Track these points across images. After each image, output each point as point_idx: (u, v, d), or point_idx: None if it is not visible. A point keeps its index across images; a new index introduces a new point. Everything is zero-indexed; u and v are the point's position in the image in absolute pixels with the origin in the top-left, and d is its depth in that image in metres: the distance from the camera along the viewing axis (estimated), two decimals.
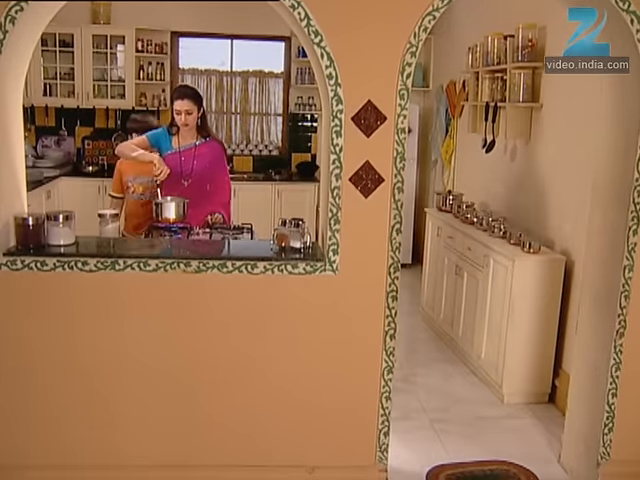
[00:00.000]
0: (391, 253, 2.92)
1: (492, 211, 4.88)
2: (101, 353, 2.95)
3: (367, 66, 2.78)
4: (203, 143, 4.12)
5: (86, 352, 2.95)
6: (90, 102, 7.15)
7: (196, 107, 4.00)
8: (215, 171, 4.13)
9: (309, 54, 2.94)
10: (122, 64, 7.28)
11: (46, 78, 7.14)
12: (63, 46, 7.03)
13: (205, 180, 4.08)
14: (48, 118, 7.33)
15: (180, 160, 4.05)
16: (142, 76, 7.32)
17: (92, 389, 2.98)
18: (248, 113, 7.85)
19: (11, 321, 2.89)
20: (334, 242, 2.89)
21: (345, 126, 2.79)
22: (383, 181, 2.84)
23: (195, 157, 4.08)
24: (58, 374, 2.95)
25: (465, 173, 6.05)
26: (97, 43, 7.09)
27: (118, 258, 2.87)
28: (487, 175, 5.35)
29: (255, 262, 2.89)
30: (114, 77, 7.28)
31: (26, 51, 2.95)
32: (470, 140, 5.67)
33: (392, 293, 2.95)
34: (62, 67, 7.11)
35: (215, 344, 2.97)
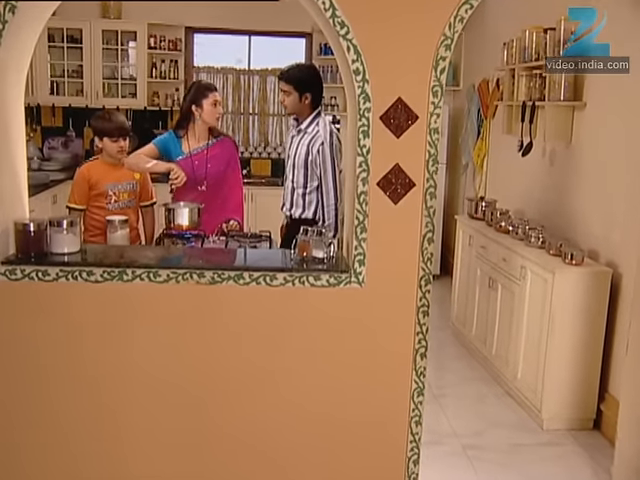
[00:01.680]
0: (422, 264, 2.81)
1: (529, 219, 4.76)
2: (108, 368, 2.87)
3: (397, 61, 2.68)
4: (215, 143, 4.06)
5: (92, 368, 2.86)
6: (99, 101, 7.11)
7: None
8: (230, 172, 4.08)
9: (334, 48, 2.85)
10: (133, 61, 7.27)
11: (53, 76, 7.14)
12: (71, 42, 7.02)
13: (221, 182, 4.03)
14: (55, 118, 7.33)
15: (193, 165, 3.99)
16: (155, 74, 7.31)
17: (99, 405, 2.89)
18: (267, 114, 7.79)
19: (10, 335, 2.81)
20: (360, 252, 2.79)
21: (373, 126, 2.70)
22: (414, 186, 2.74)
23: (208, 159, 4.02)
24: (62, 390, 2.87)
25: (498, 178, 5.93)
26: (107, 39, 7.07)
27: (126, 268, 2.78)
28: (523, 180, 5.22)
29: (274, 273, 2.79)
30: (125, 75, 7.27)
31: (28, 43, 2.89)
32: (504, 143, 5.55)
33: (423, 308, 2.85)
34: (70, 64, 7.10)
35: (230, 360, 2.88)
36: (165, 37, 7.26)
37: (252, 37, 7.64)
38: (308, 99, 3.86)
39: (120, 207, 3.98)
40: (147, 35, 7.11)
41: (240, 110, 7.73)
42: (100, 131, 3.94)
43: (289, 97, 3.88)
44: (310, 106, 3.89)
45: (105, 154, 3.96)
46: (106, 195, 3.93)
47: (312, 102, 3.89)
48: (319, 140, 3.83)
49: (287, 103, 3.91)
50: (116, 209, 3.94)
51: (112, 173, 3.96)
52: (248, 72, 7.71)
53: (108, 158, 3.95)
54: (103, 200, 3.93)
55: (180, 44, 7.36)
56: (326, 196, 3.89)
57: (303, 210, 3.96)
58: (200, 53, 7.65)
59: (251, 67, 7.71)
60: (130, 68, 7.30)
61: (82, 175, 3.91)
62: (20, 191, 2.99)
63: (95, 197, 3.92)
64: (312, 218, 3.95)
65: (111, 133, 3.91)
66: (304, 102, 3.87)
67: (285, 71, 3.92)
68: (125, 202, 4.02)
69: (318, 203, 3.93)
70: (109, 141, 3.91)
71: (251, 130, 7.82)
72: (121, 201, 3.99)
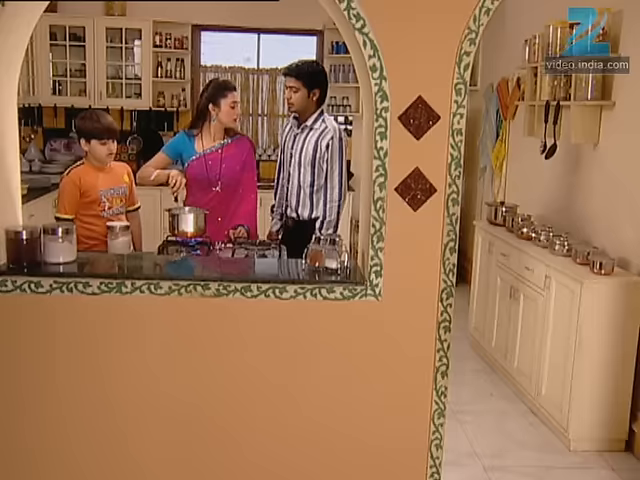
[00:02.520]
0: (443, 276, 2.68)
1: (552, 225, 4.59)
2: (106, 387, 2.74)
3: (417, 56, 2.55)
4: (230, 142, 3.94)
5: (89, 386, 2.74)
6: (103, 102, 7.04)
7: None
8: (245, 174, 3.96)
9: (349, 43, 2.73)
10: (138, 60, 7.19)
11: (55, 75, 7.07)
12: (74, 40, 6.96)
13: (236, 184, 3.93)
14: (57, 119, 7.26)
15: (206, 165, 3.88)
16: (160, 73, 7.23)
17: (95, 426, 2.77)
18: (276, 115, 7.70)
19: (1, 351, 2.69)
20: (377, 263, 2.66)
21: (391, 127, 2.57)
22: (435, 191, 2.61)
23: (223, 159, 3.90)
24: (57, 411, 2.75)
25: (519, 182, 5.77)
26: (111, 37, 7.00)
27: (125, 279, 2.66)
28: (546, 184, 5.07)
29: (284, 285, 2.67)
30: (129, 74, 7.20)
31: (19, 43, 2.78)
32: (526, 145, 5.40)
33: (444, 323, 2.71)
34: (72, 63, 7.04)
35: (237, 378, 2.76)
36: (171, 35, 7.17)
37: (261, 35, 7.57)
38: (316, 95, 3.84)
39: (114, 214, 3.83)
40: (152, 33, 7.03)
41: (249, 111, 7.65)
42: (87, 133, 3.72)
43: (297, 94, 3.82)
44: (316, 103, 3.88)
45: (92, 158, 3.75)
46: (99, 202, 3.75)
47: (319, 99, 3.87)
48: (329, 135, 3.81)
49: (294, 100, 3.84)
50: (110, 216, 3.78)
51: (103, 178, 3.79)
52: (257, 71, 7.63)
53: (95, 162, 3.76)
54: (96, 208, 3.74)
55: (187, 42, 7.27)
56: (330, 192, 3.85)
57: (311, 210, 3.87)
58: (207, 52, 7.57)
59: (260, 66, 7.64)
60: (135, 67, 7.23)
61: (72, 182, 3.69)
62: (12, 196, 2.87)
63: (86, 205, 3.72)
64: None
65: (100, 135, 3.71)
66: (312, 99, 3.83)
67: (293, 67, 3.85)
68: (118, 208, 3.87)
69: (326, 201, 3.87)
70: (97, 143, 3.71)
71: (260, 131, 7.74)
72: (114, 207, 3.84)
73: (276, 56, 7.62)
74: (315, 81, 3.83)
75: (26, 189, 5.66)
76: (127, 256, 3.14)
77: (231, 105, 3.82)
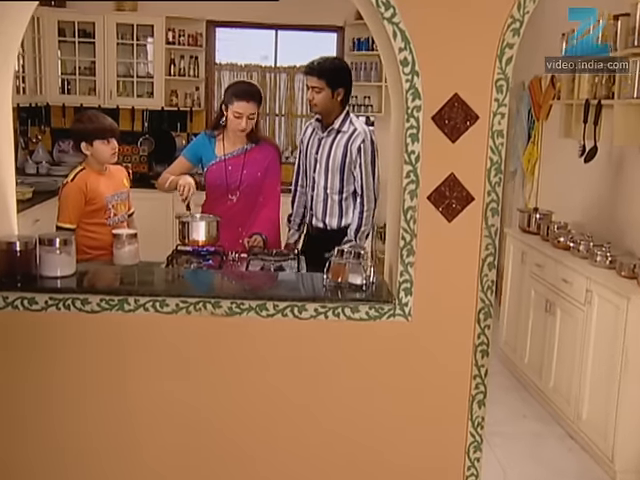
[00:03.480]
0: (481, 294, 2.49)
1: (592, 234, 4.35)
2: (107, 413, 2.57)
3: (454, 49, 2.36)
4: (254, 147, 3.73)
5: (87, 414, 2.57)
6: (113, 101, 6.91)
7: (257, 110, 3.65)
8: (267, 181, 3.76)
9: (376, 35, 2.55)
10: (150, 58, 7.06)
11: (64, 73, 6.94)
12: (83, 37, 6.82)
13: (256, 192, 3.73)
14: (66, 119, 7.10)
15: (226, 170, 3.68)
16: (173, 72, 7.09)
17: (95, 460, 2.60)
18: (294, 115, 7.55)
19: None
20: (407, 279, 2.47)
21: (423, 128, 2.38)
22: (473, 200, 2.43)
23: (244, 165, 3.69)
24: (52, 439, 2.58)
25: (553, 186, 5.53)
26: (122, 33, 6.86)
27: (128, 296, 2.50)
28: (584, 189, 4.82)
29: (304, 303, 2.49)
30: (141, 73, 7.06)
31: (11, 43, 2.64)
32: (561, 147, 5.16)
33: (482, 347, 2.51)
34: (82, 61, 6.91)
35: (252, 405, 2.58)
36: (185, 31, 7.02)
37: (279, 31, 7.42)
38: (340, 95, 3.61)
39: (119, 221, 3.67)
40: (165, 29, 6.88)
41: (266, 111, 7.47)
42: (89, 134, 3.54)
43: (320, 94, 3.58)
44: (341, 104, 3.65)
45: (93, 161, 3.58)
46: (105, 209, 3.58)
47: (343, 99, 3.64)
48: (359, 138, 3.59)
49: (317, 101, 3.60)
50: (116, 224, 3.61)
51: (105, 183, 3.61)
52: (274, 69, 7.48)
53: (97, 165, 3.59)
54: (102, 215, 3.57)
55: (201, 39, 7.13)
56: (367, 199, 3.65)
57: (340, 218, 3.66)
58: (222, 49, 7.43)
59: (278, 64, 7.48)
60: (146, 65, 7.07)
61: (78, 189, 3.50)
62: (7, 203, 2.74)
63: (91, 213, 3.54)
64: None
65: (103, 134, 3.54)
66: (336, 99, 3.60)
67: (315, 65, 3.60)
68: (123, 215, 3.71)
69: (355, 209, 3.65)
70: (101, 144, 3.54)
71: (277, 132, 7.58)
72: (119, 214, 3.67)
73: (294, 54, 7.48)
74: (339, 80, 3.60)
75: (31, 192, 5.57)
76: (131, 269, 2.93)
77: (235, 115, 3.58)
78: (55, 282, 2.55)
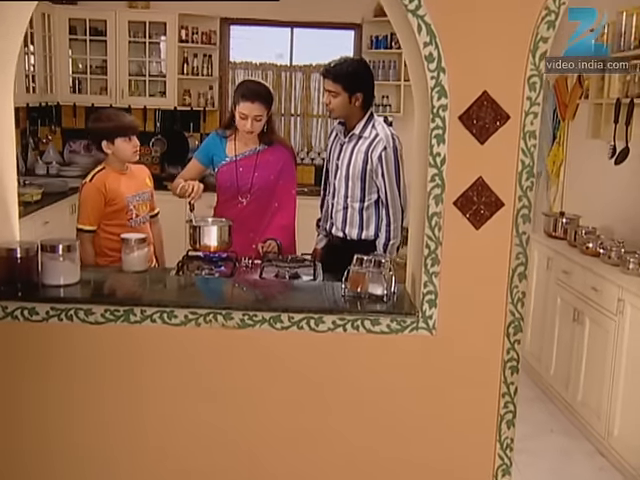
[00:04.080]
0: (511, 307, 2.36)
1: (623, 239, 4.19)
2: (111, 430, 2.46)
3: (483, 43, 2.22)
4: (266, 149, 3.61)
5: (89, 430, 2.46)
6: (125, 100, 6.83)
7: (266, 111, 3.51)
8: (281, 185, 3.64)
9: (399, 29, 2.43)
10: (163, 56, 6.97)
11: (75, 72, 6.87)
12: (94, 35, 6.75)
13: (268, 196, 3.61)
14: (76, 119, 7.05)
15: (236, 172, 3.57)
16: (186, 70, 7.00)
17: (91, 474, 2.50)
18: (310, 115, 7.44)
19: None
20: (431, 290, 2.35)
21: (450, 128, 2.26)
22: (502, 206, 2.31)
23: (256, 167, 3.58)
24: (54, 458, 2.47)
25: (580, 189, 5.37)
26: (134, 31, 6.79)
27: (134, 306, 2.39)
28: (614, 193, 4.67)
29: (321, 315, 2.37)
30: (153, 71, 6.97)
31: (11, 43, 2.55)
32: (589, 148, 5.01)
33: (511, 363, 2.39)
34: (93, 59, 6.84)
35: (265, 422, 2.46)
36: (198, 29, 6.95)
37: (295, 29, 7.31)
38: (359, 100, 3.38)
39: (142, 222, 3.58)
40: (178, 27, 6.80)
41: (281, 111, 7.38)
42: (111, 132, 3.47)
43: (336, 98, 3.39)
44: (361, 108, 3.43)
45: (115, 160, 3.51)
46: (127, 210, 3.50)
47: (363, 103, 3.42)
48: (380, 145, 3.37)
49: (334, 106, 3.42)
50: (138, 225, 3.54)
51: (126, 183, 3.53)
52: (290, 68, 7.38)
53: (118, 164, 3.51)
54: (123, 216, 3.49)
55: (215, 37, 7.05)
56: (393, 210, 3.44)
57: (361, 229, 3.51)
58: (237, 47, 7.33)
59: (293, 63, 7.39)
60: (159, 64, 6.99)
61: (97, 189, 3.43)
62: (7, 207, 2.64)
63: (112, 214, 3.47)
64: (373, 239, 3.50)
65: (124, 132, 3.47)
66: (354, 104, 3.38)
67: (331, 67, 3.41)
68: (145, 216, 3.62)
69: (378, 219, 3.49)
70: (123, 141, 3.47)
71: (293, 133, 7.47)
72: (141, 215, 3.59)
73: (311, 52, 7.38)
74: (357, 84, 3.40)
75: (40, 194, 5.49)
76: (138, 277, 2.82)
77: (240, 115, 3.46)
78: (58, 291, 2.45)
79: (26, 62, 5.90)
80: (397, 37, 6.66)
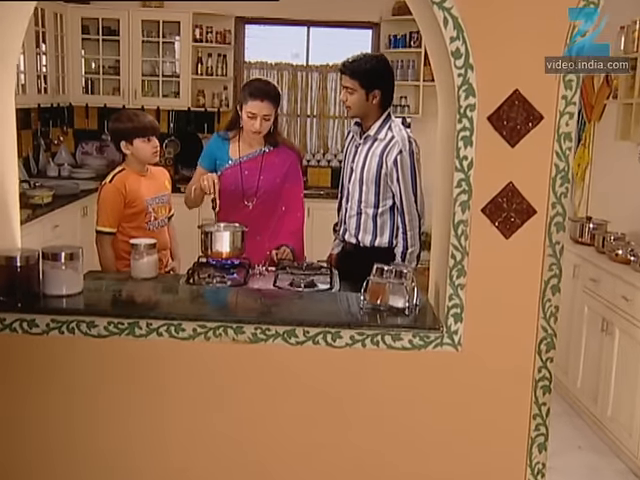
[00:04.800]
0: (543, 322, 2.25)
1: None
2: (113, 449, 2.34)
3: (514, 37, 2.09)
4: (272, 150, 3.50)
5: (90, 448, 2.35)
6: (138, 101, 6.74)
7: (274, 110, 3.42)
8: (288, 188, 3.52)
9: (423, 23, 2.30)
10: (177, 56, 6.91)
11: (87, 72, 6.82)
12: (107, 34, 6.69)
13: (274, 199, 3.50)
14: (89, 120, 7.00)
15: (241, 174, 3.45)
16: (200, 70, 6.93)
17: None
18: (327, 116, 7.33)
19: None
20: (456, 303, 2.21)
21: (478, 130, 2.13)
22: (535, 213, 2.18)
23: (262, 169, 3.46)
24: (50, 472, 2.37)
25: (607, 193, 5.20)
26: (147, 30, 6.72)
27: (139, 319, 2.27)
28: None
29: (338, 330, 2.24)
30: (167, 71, 6.90)
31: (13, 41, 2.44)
32: (617, 150, 4.85)
33: (543, 382, 2.26)
34: (106, 59, 6.78)
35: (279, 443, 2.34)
36: (212, 28, 6.87)
37: (311, 28, 7.22)
38: (377, 98, 3.26)
39: (160, 225, 3.52)
40: (192, 26, 6.72)
41: (296, 111, 7.30)
42: (129, 133, 3.42)
43: (353, 95, 3.28)
44: (378, 107, 3.30)
45: (134, 161, 3.45)
46: (146, 213, 3.43)
47: (381, 101, 3.30)
48: (395, 148, 3.24)
49: (350, 103, 3.30)
50: (156, 229, 3.48)
51: (146, 185, 3.47)
52: (306, 68, 7.29)
53: (138, 165, 3.46)
54: (142, 219, 3.42)
55: (229, 36, 6.97)
56: (409, 217, 3.30)
57: (374, 236, 3.37)
58: (252, 46, 7.26)
59: (310, 62, 7.30)
60: (173, 64, 6.92)
61: (117, 191, 3.37)
62: (8, 212, 2.52)
63: (131, 216, 3.41)
64: (387, 246, 3.36)
65: (143, 132, 3.41)
66: (371, 101, 3.26)
67: (349, 63, 3.30)
68: (163, 219, 3.56)
69: (393, 226, 3.36)
70: (141, 142, 3.41)
71: (309, 134, 7.37)
72: (160, 218, 3.53)
73: (327, 51, 7.30)
74: (375, 80, 3.28)
75: (51, 196, 5.40)
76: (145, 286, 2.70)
77: (248, 115, 3.36)
78: (59, 302, 2.34)
79: (38, 62, 5.84)
80: (416, 36, 6.60)
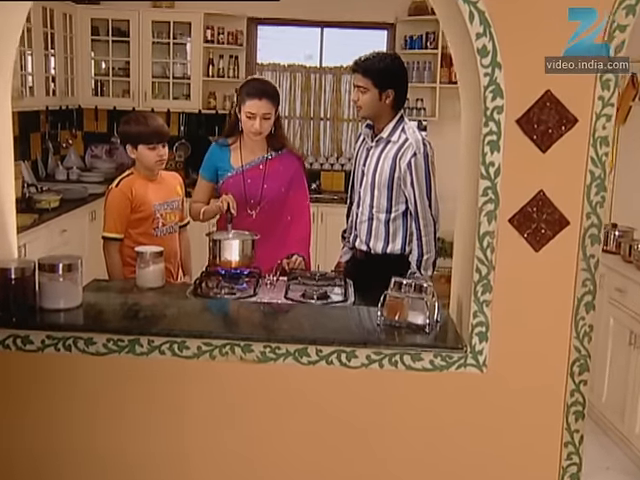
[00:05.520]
0: (576, 342, 2.09)
1: None
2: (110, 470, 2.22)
3: (545, 34, 1.95)
4: (275, 157, 3.37)
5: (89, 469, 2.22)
6: (148, 103, 6.63)
7: (274, 110, 3.29)
8: (293, 195, 3.41)
9: (446, 17, 2.16)
10: (188, 57, 6.80)
11: (97, 74, 6.73)
12: (117, 35, 6.60)
13: (278, 208, 3.38)
14: (98, 122, 6.90)
15: (244, 183, 3.33)
16: (211, 72, 6.83)
17: None
18: (340, 119, 7.21)
19: None
20: (481, 321, 2.07)
21: (506, 134, 1.99)
22: (567, 224, 2.04)
23: (265, 177, 3.34)
24: None
25: (632, 199, 5.03)
26: (158, 31, 6.61)
27: (140, 335, 2.14)
28: None
29: (353, 348, 2.11)
30: (177, 73, 6.80)
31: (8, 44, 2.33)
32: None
33: (576, 407, 2.14)
34: (115, 61, 6.69)
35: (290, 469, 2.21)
36: (224, 29, 6.77)
37: (325, 29, 7.11)
38: (390, 98, 3.15)
39: (168, 232, 3.40)
40: (203, 27, 6.63)
41: (310, 114, 7.19)
42: (134, 137, 3.33)
43: (365, 95, 3.17)
44: (391, 107, 3.19)
45: (140, 166, 3.36)
46: (153, 218, 3.32)
47: (394, 102, 3.19)
48: (410, 151, 3.12)
49: (362, 103, 3.19)
50: (164, 235, 3.36)
51: (154, 190, 3.36)
52: (320, 70, 7.18)
53: (144, 171, 3.36)
54: (149, 225, 3.32)
55: (241, 37, 6.87)
56: (423, 222, 3.17)
57: (386, 243, 3.25)
58: (264, 48, 7.19)
59: (323, 64, 7.20)
60: (183, 65, 6.82)
61: (123, 195, 3.28)
62: (4, 222, 2.39)
63: (137, 222, 3.31)
64: (400, 254, 3.23)
65: (148, 139, 3.30)
66: (384, 101, 3.15)
67: (362, 61, 3.20)
68: (172, 225, 3.44)
69: (405, 233, 3.24)
70: (145, 149, 3.30)
71: (322, 138, 7.25)
72: (169, 224, 3.41)
73: (341, 53, 7.19)
74: (388, 79, 3.18)
75: (58, 201, 5.30)
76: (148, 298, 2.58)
77: (247, 115, 3.23)
78: (56, 316, 2.21)
79: (46, 64, 5.75)
80: (432, 37, 6.45)
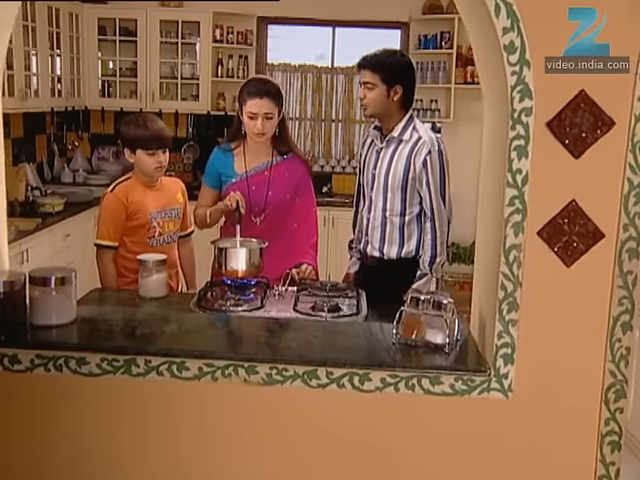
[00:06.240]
0: (611, 366, 1.92)
1: None
2: None
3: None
4: (280, 162, 3.24)
5: None
6: (156, 104, 6.55)
7: (277, 109, 3.16)
8: (299, 203, 3.29)
9: (468, 12, 2.00)
10: (197, 57, 6.71)
11: (103, 75, 6.64)
12: (124, 35, 6.51)
13: (283, 215, 3.26)
14: (105, 124, 6.81)
15: (249, 190, 3.19)
16: (220, 72, 6.74)
17: None
18: (352, 120, 7.11)
19: None
20: (507, 342, 1.92)
21: (535, 138, 1.84)
22: (602, 237, 1.88)
23: (270, 183, 3.21)
24: None
25: None
26: (166, 31, 6.53)
27: (136, 355, 1.99)
28: None
29: (367, 371, 1.95)
30: (186, 74, 6.71)
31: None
32: None
33: (611, 437, 1.96)
34: (123, 61, 6.60)
35: None
36: (233, 29, 6.68)
37: (336, 28, 7.05)
38: (398, 94, 3.03)
39: (166, 242, 3.25)
40: (212, 26, 6.54)
41: (321, 116, 7.10)
42: (132, 141, 3.19)
43: (373, 91, 3.04)
44: (399, 105, 3.07)
45: (138, 171, 3.22)
46: (149, 227, 3.18)
47: (402, 100, 3.06)
48: (424, 148, 3.00)
49: (369, 100, 3.07)
50: (160, 245, 3.22)
51: (152, 197, 3.22)
52: (331, 70, 7.10)
53: (143, 176, 3.22)
54: (144, 234, 3.18)
55: (251, 37, 6.79)
56: (439, 222, 3.06)
57: (401, 247, 3.14)
58: (275, 47, 7.14)
59: (335, 64, 7.14)
60: (192, 66, 6.74)
61: (117, 201, 3.15)
62: None
63: (132, 229, 3.18)
64: (413, 256, 3.12)
65: (147, 144, 3.16)
66: (392, 98, 3.03)
67: (369, 57, 3.08)
68: (170, 235, 3.29)
69: (420, 235, 3.12)
70: (144, 154, 3.16)
71: (334, 140, 7.17)
72: (166, 234, 3.26)
73: (353, 53, 6.88)
74: (397, 75, 3.06)
75: (63, 204, 5.21)
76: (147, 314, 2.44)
77: (249, 115, 3.11)
78: (47, 334, 2.06)
79: (52, 64, 5.65)
80: (447, 36, 6.30)
